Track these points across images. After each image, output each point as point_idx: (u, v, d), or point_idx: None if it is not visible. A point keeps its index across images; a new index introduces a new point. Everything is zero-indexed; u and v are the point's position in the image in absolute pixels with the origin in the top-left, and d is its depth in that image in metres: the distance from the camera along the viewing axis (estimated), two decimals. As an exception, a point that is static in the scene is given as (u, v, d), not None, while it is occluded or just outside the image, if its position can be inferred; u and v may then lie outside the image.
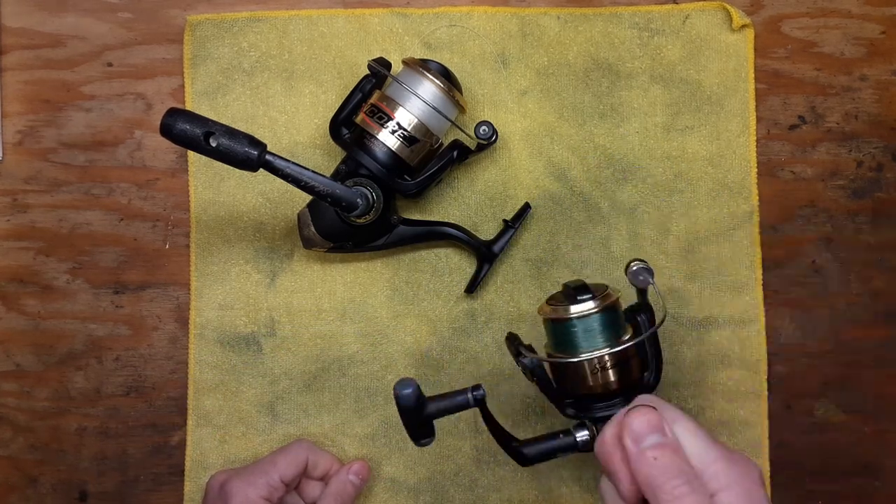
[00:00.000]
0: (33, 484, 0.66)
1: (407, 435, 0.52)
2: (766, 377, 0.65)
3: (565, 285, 0.54)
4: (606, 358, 0.52)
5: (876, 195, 0.67)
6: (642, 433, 0.41)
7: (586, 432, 0.51)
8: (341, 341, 0.66)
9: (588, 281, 0.54)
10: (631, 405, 0.45)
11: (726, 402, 0.65)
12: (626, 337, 0.53)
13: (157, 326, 0.66)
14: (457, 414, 0.65)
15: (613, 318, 0.52)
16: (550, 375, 0.55)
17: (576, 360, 0.51)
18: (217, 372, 0.66)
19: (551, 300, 0.54)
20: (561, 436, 0.52)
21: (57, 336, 0.66)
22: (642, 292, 0.54)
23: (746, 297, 0.66)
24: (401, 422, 0.51)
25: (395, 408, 0.65)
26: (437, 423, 0.65)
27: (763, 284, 0.66)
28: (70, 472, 0.66)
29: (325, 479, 0.62)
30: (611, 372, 0.52)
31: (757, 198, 0.66)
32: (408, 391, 0.50)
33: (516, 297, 0.66)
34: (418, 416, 0.51)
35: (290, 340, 0.66)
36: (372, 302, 0.66)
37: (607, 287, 0.53)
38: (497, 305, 0.66)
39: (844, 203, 0.67)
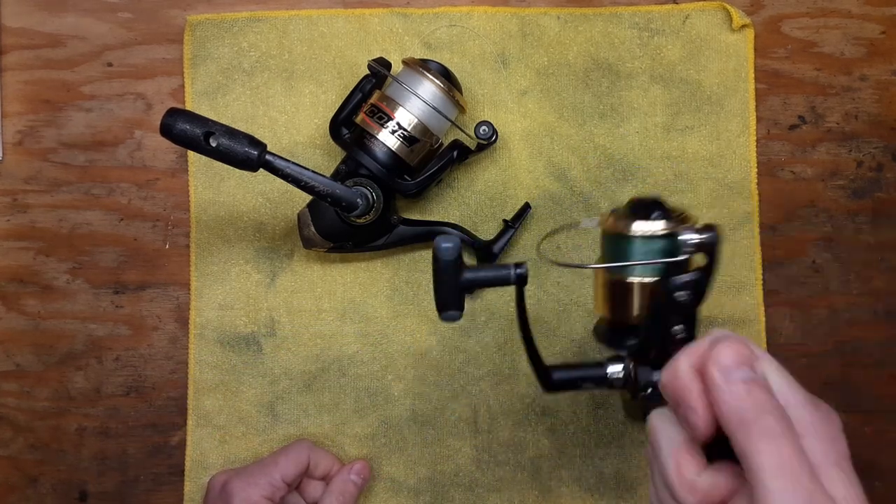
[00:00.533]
0: (33, 484, 0.66)
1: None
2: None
3: (637, 199, 0.48)
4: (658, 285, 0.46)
5: (876, 195, 0.67)
6: (731, 366, 0.37)
7: (620, 367, 0.48)
8: (341, 341, 0.66)
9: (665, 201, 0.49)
10: (711, 337, 0.40)
11: (726, 402, 0.65)
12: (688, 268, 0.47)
13: (157, 326, 0.66)
14: (456, 413, 0.65)
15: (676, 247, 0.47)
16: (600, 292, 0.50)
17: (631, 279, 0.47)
18: (217, 372, 0.66)
19: (616, 213, 0.49)
20: (594, 367, 0.48)
21: (57, 336, 0.66)
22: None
23: (746, 297, 0.66)
24: (399, 429, 0.49)
25: (395, 408, 0.65)
26: (437, 423, 0.65)
27: (763, 284, 0.66)
28: (70, 472, 0.66)
29: (326, 478, 0.62)
30: (646, 303, 0.47)
31: (757, 198, 0.66)
32: (448, 245, 0.45)
33: (516, 297, 0.66)
34: (454, 278, 0.45)
35: (290, 340, 0.66)
36: (372, 302, 0.66)
37: (684, 211, 0.48)
38: (497, 305, 0.66)
39: (844, 203, 0.67)
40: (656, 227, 0.47)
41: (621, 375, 0.48)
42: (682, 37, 0.66)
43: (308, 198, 0.61)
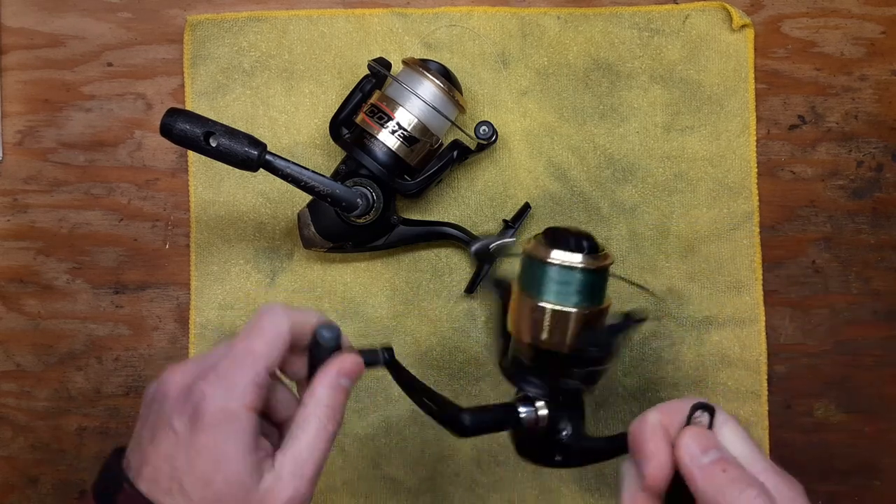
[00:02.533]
0: (33, 484, 0.66)
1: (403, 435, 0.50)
2: (766, 377, 0.65)
3: (562, 228, 0.48)
4: (572, 317, 0.46)
5: (876, 195, 0.67)
6: (699, 452, 0.39)
7: (531, 409, 0.47)
8: (341, 341, 0.66)
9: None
10: (686, 401, 0.42)
11: (726, 402, 0.65)
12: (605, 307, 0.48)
13: (157, 326, 0.66)
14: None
15: (597, 284, 0.47)
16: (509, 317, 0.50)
17: (545, 306, 0.46)
18: (217, 372, 0.65)
19: (538, 237, 0.48)
20: (504, 410, 0.48)
21: (57, 336, 0.66)
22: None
23: (746, 297, 0.66)
24: (399, 429, 0.49)
25: (395, 408, 0.65)
26: (438, 424, 0.65)
27: (763, 284, 0.66)
28: (70, 472, 0.66)
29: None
30: (569, 335, 0.46)
31: (757, 198, 0.66)
32: (330, 334, 0.45)
33: (516, 297, 0.66)
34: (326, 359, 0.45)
35: (290, 340, 0.66)
36: (372, 302, 0.66)
37: (604, 249, 0.48)
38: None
39: (844, 203, 0.67)
40: (575, 259, 0.46)
41: (532, 416, 0.47)
42: (682, 37, 0.66)
43: (308, 198, 0.61)
